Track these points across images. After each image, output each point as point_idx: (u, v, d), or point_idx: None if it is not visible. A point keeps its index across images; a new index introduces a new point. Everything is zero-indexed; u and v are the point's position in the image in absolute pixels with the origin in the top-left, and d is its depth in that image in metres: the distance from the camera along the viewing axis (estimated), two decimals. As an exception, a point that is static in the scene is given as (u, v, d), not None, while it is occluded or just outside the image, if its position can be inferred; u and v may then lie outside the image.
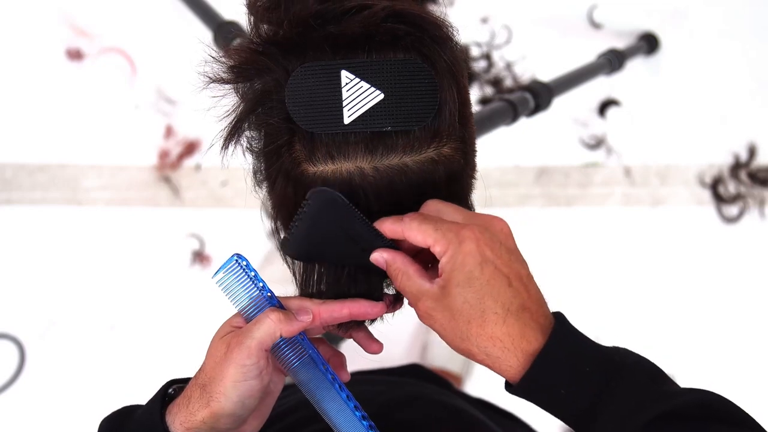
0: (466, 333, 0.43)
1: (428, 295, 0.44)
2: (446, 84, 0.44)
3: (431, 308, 0.44)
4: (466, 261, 0.43)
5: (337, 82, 0.43)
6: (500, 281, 0.43)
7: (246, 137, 0.47)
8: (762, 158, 1.44)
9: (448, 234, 0.44)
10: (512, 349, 0.43)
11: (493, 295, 0.43)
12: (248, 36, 0.45)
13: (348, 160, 0.43)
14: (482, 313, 0.43)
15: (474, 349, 0.44)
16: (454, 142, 0.45)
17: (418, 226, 0.44)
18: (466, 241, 0.43)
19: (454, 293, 0.43)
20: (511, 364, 0.43)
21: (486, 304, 0.43)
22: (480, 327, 0.43)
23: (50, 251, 1.37)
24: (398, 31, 0.43)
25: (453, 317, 0.43)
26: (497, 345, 0.43)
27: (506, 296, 0.43)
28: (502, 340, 0.43)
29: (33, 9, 1.41)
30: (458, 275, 0.43)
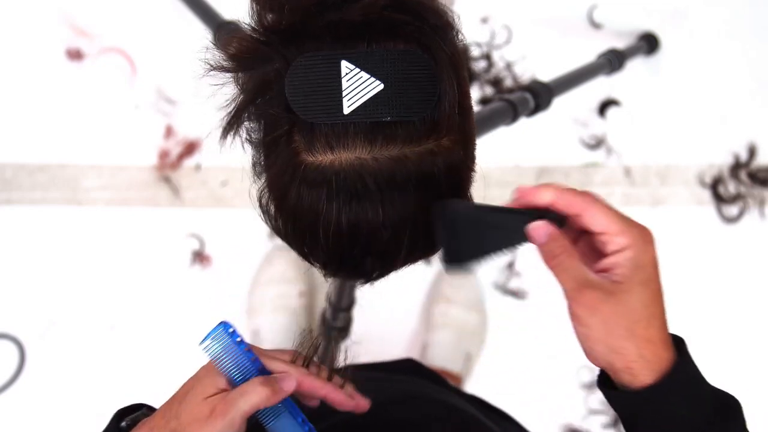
0: (630, 332, 0.43)
1: (597, 286, 0.44)
2: (446, 75, 0.44)
3: (600, 300, 0.44)
4: (649, 264, 0.44)
5: (337, 72, 0.43)
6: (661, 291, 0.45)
7: (245, 128, 0.47)
8: (762, 158, 1.44)
9: (634, 229, 0.44)
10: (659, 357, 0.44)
11: (660, 302, 0.45)
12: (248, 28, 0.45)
13: (347, 150, 0.43)
14: (650, 317, 0.44)
15: (631, 349, 0.44)
16: (454, 133, 0.46)
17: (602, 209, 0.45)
18: (650, 244, 0.44)
19: (636, 290, 0.43)
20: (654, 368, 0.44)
21: (655, 309, 0.44)
22: (645, 329, 0.44)
23: (50, 251, 1.37)
24: (398, 20, 0.43)
25: (622, 314, 0.43)
26: (651, 349, 0.44)
27: (663, 306, 0.45)
28: (657, 344, 0.44)
29: (33, 9, 1.41)
30: (641, 274, 0.44)
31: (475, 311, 1.34)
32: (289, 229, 0.48)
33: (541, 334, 1.37)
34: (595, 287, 0.44)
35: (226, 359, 0.48)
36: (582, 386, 1.38)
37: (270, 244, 1.38)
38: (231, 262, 1.38)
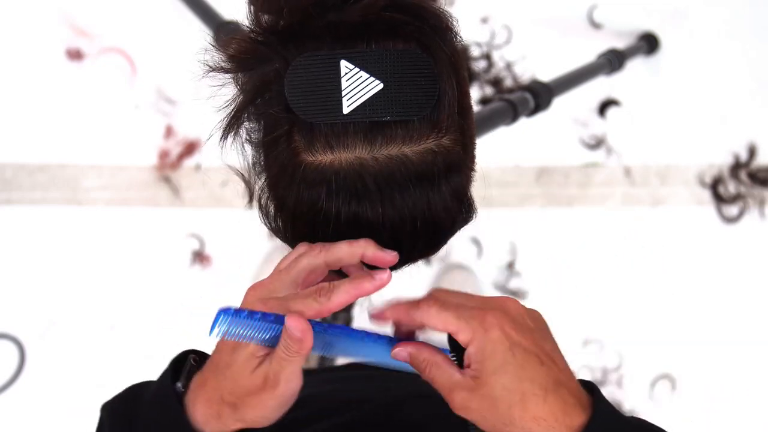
0: (509, 418, 0.43)
1: (462, 386, 0.44)
2: (446, 75, 0.44)
3: (467, 399, 0.43)
4: (496, 348, 0.43)
5: (337, 72, 0.43)
6: (532, 362, 0.43)
7: (245, 128, 0.47)
8: (762, 158, 1.44)
9: (471, 322, 0.43)
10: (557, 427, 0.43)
11: (528, 377, 0.43)
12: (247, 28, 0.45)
13: (347, 150, 0.43)
14: (522, 396, 0.42)
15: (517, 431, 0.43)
16: (454, 133, 0.45)
17: (437, 314, 0.44)
18: (492, 329, 0.43)
19: (491, 381, 0.43)
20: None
21: (524, 387, 0.43)
22: (522, 410, 0.42)
23: (50, 251, 1.37)
24: (398, 21, 0.43)
25: (493, 405, 0.43)
26: (542, 425, 0.43)
27: (541, 375, 0.43)
28: (546, 419, 0.43)
29: (33, 9, 1.41)
30: (491, 363, 0.43)
31: None
32: (289, 229, 0.48)
33: (541, 334, 1.37)
34: (462, 388, 0.44)
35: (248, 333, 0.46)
36: (582, 386, 1.39)
37: (270, 244, 1.38)
38: (231, 262, 1.38)
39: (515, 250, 1.41)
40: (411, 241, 0.47)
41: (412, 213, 0.45)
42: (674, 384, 1.40)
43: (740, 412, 1.37)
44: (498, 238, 1.40)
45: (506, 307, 0.45)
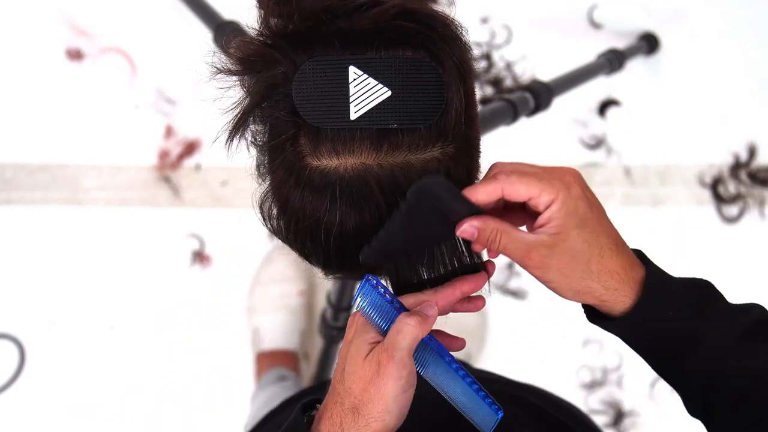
0: (588, 271, 0.46)
1: (539, 245, 0.46)
2: (454, 84, 0.45)
3: (546, 256, 0.46)
4: (578, 204, 0.46)
5: (345, 78, 0.43)
6: (605, 219, 0.47)
7: (251, 131, 0.47)
8: (762, 158, 1.44)
9: (554, 182, 0.46)
10: (627, 280, 0.47)
11: (605, 231, 0.46)
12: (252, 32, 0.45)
13: (352, 155, 0.44)
14: (600, 250, 0.46)
15: (595, 285, 0.46)
16: (460, 142, 0.46)
17: (519, 180, 0.46)
18: (573, 186, 0.46)
19: (573, 235, 0.45)
20: (627, 293, 0.47)
21: (602, 241, 0.46)
22: (599, 263, 0.46)
23: (50, 251, 1.37)
24: (408, 29, 0.43)
25: (573, 258, 0.45)
26: (615, 277, 0.46)
27: (612, 231, 0.47)
28: (618, 272, 0.46)
29: (33, 9, 1.41)
30: (574, 218, 0.45)
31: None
32: (291, 231, 0.48)
33: (541, 334, 1.37)
34: (540, 246, 0.46)
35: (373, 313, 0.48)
36: (582, 386, 1.39)
37: (270, 244, 1.38)
38: (231, 262, 1.38)
39: (515, 250, 1.41)
40: None
41: None
42: (674, 384, 1.40)
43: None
44: (498, 238, 1.40)
45: (574, 170, 0.48)
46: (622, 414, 1.39)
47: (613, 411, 1.39)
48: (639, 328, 0.48)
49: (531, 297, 1.39)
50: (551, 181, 0.46)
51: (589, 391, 1.38)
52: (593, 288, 0.46)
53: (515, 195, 0.46)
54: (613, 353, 1.40)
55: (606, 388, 1.40)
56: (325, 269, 0.50)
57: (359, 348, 0.46)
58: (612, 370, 1.40)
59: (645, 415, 1.39)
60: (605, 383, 1.40)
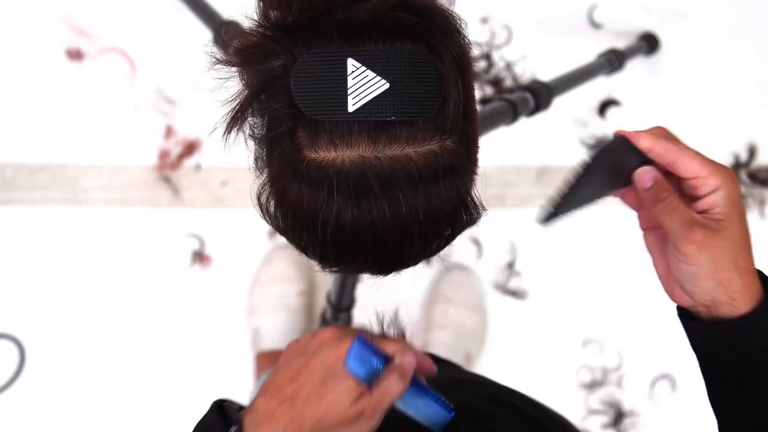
0: (734, 264, 0.47)
1: (703, 225, 0.47)
2: (452, 77, 0.45)
3: (707, 237, 0.47)
4: (739, 199, 0.48)
5: (344, 70, 0.43)
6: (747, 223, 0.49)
7: (249, 123, 0.47)
8: (762, 158, 1.44)
9: (722, 169, 0.48)
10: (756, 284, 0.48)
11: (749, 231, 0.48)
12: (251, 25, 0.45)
13: (350, 148, 0.44)
14: (748, 246, 0.48)
15: (735, 280, 0.47)
16: (458, 136, 0.46)
17: (694, 157, 0.48)
18: (737, 182, 0.48)
19: (737, 224, 0.47)
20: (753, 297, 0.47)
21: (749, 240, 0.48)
22: (745, 260, 0.47)
23: (50, 251, 1.37)
24: (407, 21, 0.43)
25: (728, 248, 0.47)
26: (749, 278, 0.48)
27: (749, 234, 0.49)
28: (752, 274, 0.48)
29: (33, 9, 1.41)
30: (737, 209, 0.47)
31: (475, 311, 1.34)
32: (288, 224, 0.48)
33: (541, 334, 1.37)
34: (703, 226, 0.47)
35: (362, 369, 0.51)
36: (582, 386, 1.38)
37: (270, 244, 1.38)
38: (231, 262, 1.38)
39: (515, 250, 1.41)
40: (412, 242, 0.47)
41: (414, 213, 0.45)
42: (674, 384, 1.40)
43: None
44: (498, 238, 1.40)
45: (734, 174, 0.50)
46: (622, 414, 1.39)
47: (613, 411, 1.39)
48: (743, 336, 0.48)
49: (531, 297, 1.39)
50: (720, 170, 0.48)
51: (589, 391, 1.38)
52: (733, 282, 0.47)
53: (685, 168, 0.48)
54: (613, 353, 1.40)
55: (606, 388, 1.40)
56: (322, 262, 0.50)
57: (349, 391, 0.49)
58: (612, 370, 1.40)
59: (645, 415, 1.39)
60: (605, 383, 1.40)
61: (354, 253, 0.47)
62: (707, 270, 0.47)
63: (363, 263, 0.49)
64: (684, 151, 0.49)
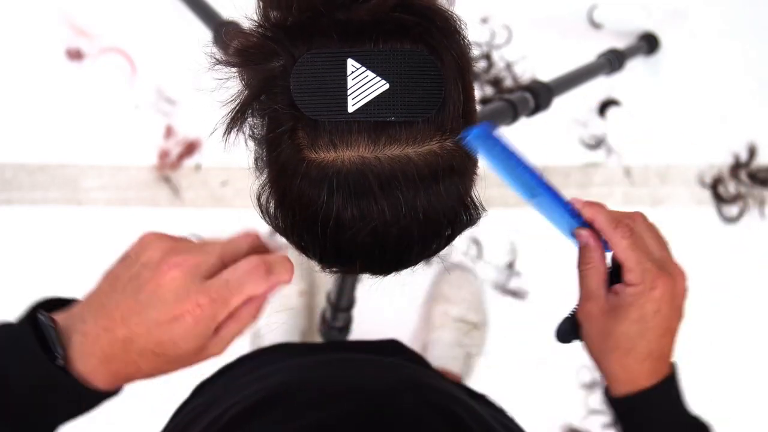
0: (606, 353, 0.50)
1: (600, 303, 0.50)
2: (452, 78, 0.45)
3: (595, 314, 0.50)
4: (647, 305, 0.49)
5: (343, 70, 0.43)
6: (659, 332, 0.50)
7: (249, 124, 0.47)
8: (762, 158, 1.44)
9: (647, 274, 0.49)
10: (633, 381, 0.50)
11: (647, 339, 0.50)
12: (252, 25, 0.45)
13: (350, 148, 0.44)
14: (631, 349, 0.49)
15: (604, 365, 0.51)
16: (458, 136, 0.46)
17: (627, 247, 0.50)
18: (656, 289, 0.49)
19: (622, 321, 0.49)
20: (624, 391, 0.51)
21: (638, 344, 0.49)
22: (622, 357, 0.50)
23: (50, 251, 1.37)
24: (407, 21, 0.43)
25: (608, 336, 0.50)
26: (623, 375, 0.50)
27: (655, 345, 0.50)
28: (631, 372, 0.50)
29: (33, 9, 1.41)
30: (635, 311, 0.49)
31: (475, 311, 1.34)
32: (288, 224, 0.48)
33: (541, 334, 1.37)
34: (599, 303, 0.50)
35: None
36: (582, 386, 1.38)
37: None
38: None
39: (515, 250, 1.41)
40: (412, 242, 0.47)
41: (414, 214, 0.45)
42: (674, 384, 1.40)
43: (740, 412, 1.37)
44: (498, 238, 1.40)
45: (676, 279, 0.51)
46: (622, 414, 1.39)
47: (613, 411, 1.39)
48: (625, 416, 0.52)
49: (531, 297, 1.39)
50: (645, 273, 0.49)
51: (589, 391, 1.38)
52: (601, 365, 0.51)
53: (614, 250, 0.50)
54: (613, 353, 1.40)
55: (606, 388, 1.40)
56: (322, 263, 0.50)
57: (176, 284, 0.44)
58: (612, 370, 1.40)
59: (645, 415, 1.39)
60: (605, 383, 1.40)
61: (354, 253, 0.47)
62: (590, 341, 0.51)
63: (363, 264, 0.49)
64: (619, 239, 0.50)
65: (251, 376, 0.63)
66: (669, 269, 0.51)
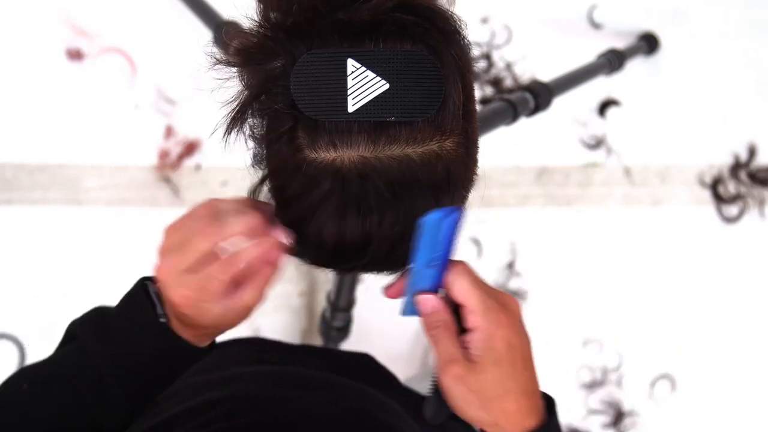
0: (486, 404, 0.48)
1: (461, 363, 0.47)
2: (451, 78, 0.45)
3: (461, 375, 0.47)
4: (499, 345, 0.47)
5: (344, 70, 0.43)
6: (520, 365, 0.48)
7: (249, 124, 0.47)
8: (762, 158, 1.45)
9: (488, 314, 0.47)
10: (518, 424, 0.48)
11: (515, 377, 0.48)
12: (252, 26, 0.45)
13: (350, 148, 0.44)
14: (505, 392, 0.47)
15: (486, 418, 0.48)
16: (457, 136, 0.46)
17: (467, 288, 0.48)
18: (501, 327, 0.47)
19: (488, 370, 0.47)
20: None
21: (508, 385, 0.47)
22: (499, 402, 0.47)
23: (50, 251, 1.37)
24: (407, 22, 0.43)
25: (480, 389, 0.47)
26: (507, 419, 0.48)
27: (523, 379, 0.48)
28: (513, 415, 0.48)
29: (33, 9, 1.41)
30: (491, 355, 0.47)
31: None
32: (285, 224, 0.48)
33: (540, 334, 1.37)
34: (459, 363, 0.47)
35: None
36: (582, 386, 1.39)
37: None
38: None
39: (515, 250, 1.41)
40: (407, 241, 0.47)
41: (413, 213, 0.45)
42: (674, 384, 1.40)
43: (740, 412, 1.37)
44: (498, 238, 1.40)
45: (510, 305, 0.49)
46: (622, 414, 1.39)
47: (613, 411, 1.39)
48: None
49: (531, 297, 1.39)
50: (487, 310, 0.47)
51: (589, 391, 1.38)
52: (485, 420, 0.48)
53: (455, 291, 0.48)
54: (613, 353, 1.40)
55: (606, 388, 1.40)
56: (318, 263, 0.50)
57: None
58: (612, 370, 1.40)
59: (645, 415, 1.39)
60: (605, 383, 1.40)
61: (354, 252, 0.47)
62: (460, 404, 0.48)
63: (363, 262, 0.49)
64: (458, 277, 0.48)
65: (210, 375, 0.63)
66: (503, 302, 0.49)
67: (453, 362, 0.47)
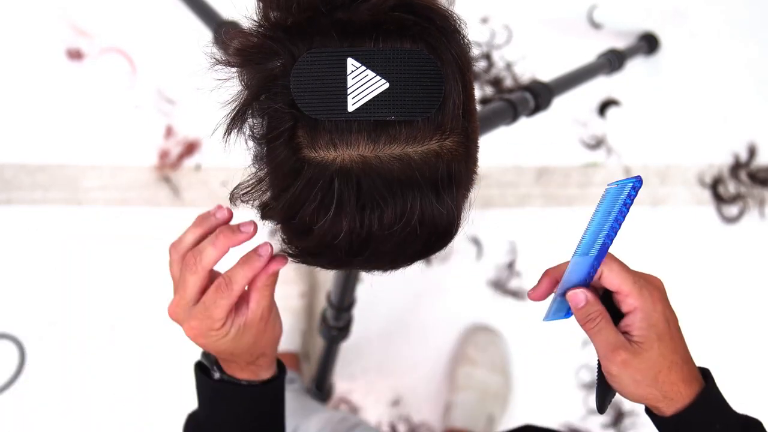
0: (655, 380, 0.52)
1: (626, 348, 0.52)
2: (451, 77, 0.45)
3: (629, 359, 0.51)
4: (659, 320, 0.52)
5: (343, 70, 0.43)
6: (677, 336, 0.53)
7: (248, 124, 0.47)
8: (762, 158, 1.44)
9: (644, 291, 0.52)
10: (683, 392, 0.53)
11: (676, 348, 0.52)
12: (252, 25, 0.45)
13: (350, 147, 0.44)
14: (670, 364, 0.52)
15: (656, 393, 0.52)
16: (458, 135, 0.46)
17: (619, 272, 0.52)
18: (657, 302, 0.52)
19: (654, 347, 0.51)
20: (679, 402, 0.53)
21: (673, 357, 0.52)
22: (666, 375, 0.52)
23: (50, 251, 1.37)
24: (406, 21, 0.43)
25: (648, 367, 0.51)
26: (674, 389, 0.52)
27: (681, 348, 0.53)
28: (679, 384, 0.52)
29: (33, 9, 1.41)
30: (654, 332, 0.51)
31: (500, 374, 1.32)
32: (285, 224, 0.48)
33: (540, 335, 1.37)
34: (625, 348, 0.51)
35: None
36: (581, 386, 1.38)
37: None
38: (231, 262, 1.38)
39: (515, 250, 1.41)
40: (411, 241, 0.47)
41: (413, 213, 0.45)
42: (674, 384, 1.40)
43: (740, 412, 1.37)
44: (498, 238, 1.40)
45: (659, 284, 0.54)
46: (622, 414, 1.39)
47: (613, 411, 1.39)
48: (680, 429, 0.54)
49: (531, 297, 1.39)
50: (641, 289, 0.52)
51: (589, 391, 1.38)
52: (654, 395, 0.52)
53: (608, 280, 0.52)
54: (613, 353, 1.40)
55: (606, 388, 1.40)
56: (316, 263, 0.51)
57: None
58: (612, 370, 1.40)
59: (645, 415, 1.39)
60: (605, 383, 1.40)
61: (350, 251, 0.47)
62: (629, 387, 0.52)
63: (363, 261, 0.49)
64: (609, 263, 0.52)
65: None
66: (647, 278, 0.53)
67: (617, 349, 0.51)
